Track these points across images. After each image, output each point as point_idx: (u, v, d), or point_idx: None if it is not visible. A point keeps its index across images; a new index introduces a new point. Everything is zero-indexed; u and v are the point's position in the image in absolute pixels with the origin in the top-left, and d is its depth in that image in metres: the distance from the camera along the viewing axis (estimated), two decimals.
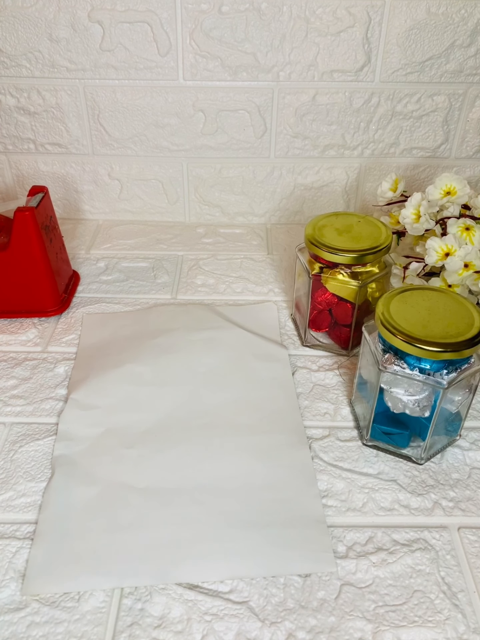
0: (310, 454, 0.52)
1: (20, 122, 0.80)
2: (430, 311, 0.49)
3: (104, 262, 0.79)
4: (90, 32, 0.73)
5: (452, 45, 0.74)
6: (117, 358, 0.62)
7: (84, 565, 0.44)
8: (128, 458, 0.52)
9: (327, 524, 0.47)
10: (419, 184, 0.86)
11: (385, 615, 0.42)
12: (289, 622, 0.41)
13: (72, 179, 0.85)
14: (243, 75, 0.76)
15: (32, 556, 0.44)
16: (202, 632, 0.40)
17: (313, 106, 0.79)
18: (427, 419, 0.49)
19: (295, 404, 0.57)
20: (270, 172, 0.84)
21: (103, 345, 0.64)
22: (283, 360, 0.62)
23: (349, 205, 0.88)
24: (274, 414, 0.56)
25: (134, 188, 0.86)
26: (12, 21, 0.72)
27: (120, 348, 0.63)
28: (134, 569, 0.44)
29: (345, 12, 0.72)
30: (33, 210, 0.62)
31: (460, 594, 0.43)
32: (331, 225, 0.62)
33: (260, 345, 0.64)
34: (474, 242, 0.60)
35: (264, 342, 0.64)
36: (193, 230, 0.87)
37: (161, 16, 0.72)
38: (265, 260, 0.80)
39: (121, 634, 0.40)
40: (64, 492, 0.49)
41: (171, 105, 0.79)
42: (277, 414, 0.56)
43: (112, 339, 0.65)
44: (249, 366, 0.61)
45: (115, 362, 0.61)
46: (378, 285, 0.63)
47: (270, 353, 0.63)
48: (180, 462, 0.51)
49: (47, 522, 0.47)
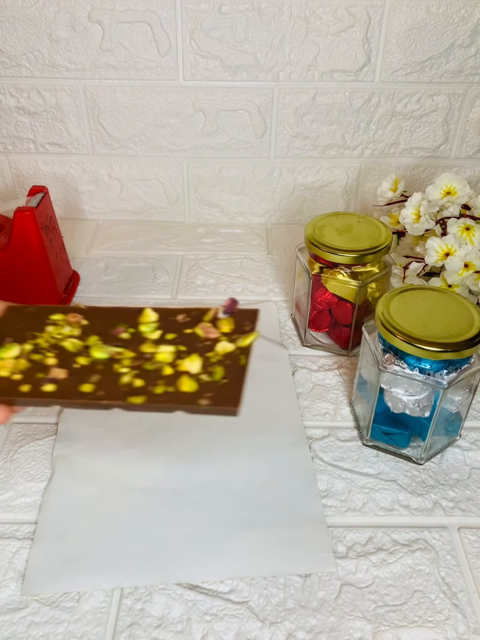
0: (310, 454, 0.52)
1: (20, 122, 0.80)
2: (430, 311, 0.49)
3: (104, 262, 0.79)
4: (90, 32, 0.73)
5: (452, 45, 0.74)
6: None
7: (83, 565, 0.44)
8: (128, 458, 0.52)
9: (327, 524, 0.47)
10: (419, 184, 0.86)
11: (385, 615, 0.42)
12: (289, 622, 0.41)
13: (72, 179, 0.85)
14: (243, 75, 0.76)
15: (32, 556, 0.44)
16: (202, 632, 0.40)
17: (313, 106, 0.79)
18: (427, 419, 0.49)
19: (296, 404, 0.57)
20: (270, 172, 0.84)
21: None
22: (283, 360, 0.62)
23: (349, 205, 0.88)
24: (274, 414, 0.56)
25: (134, 188, 0.86)
26: (12, 21, 0.72)
27: None
28: (134, 569, 0.44)
29: (345, 12, 0.72)
30: (33, 210, 0.62)
31: (460, 594, 0.43)
32: (331, 225, 0.62)
33: (261, 345, 0.63)
34: (474, 242, 0.60)
35: (264, 342, 0.64)
36: (193, 230, 0.87)
37: (161, 16, 0.72)
38: (265, 260, 0.80)
39: (121, 634, 0.40)
40: (63, 492, 0.49)
41: (171, 105, 0.78)
42: (277, 414, 0.56)
43: None
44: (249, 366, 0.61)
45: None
46: (378, 285, 0.63)
47: (270, 353, 0.63)
48: (180, 462, 0.51)
49: (47, 522, 0.47)
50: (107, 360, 0.37)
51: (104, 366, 0.37)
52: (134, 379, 0.36)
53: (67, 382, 0.36)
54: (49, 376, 0.36)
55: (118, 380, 0.35)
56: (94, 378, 0.36)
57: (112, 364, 0.37)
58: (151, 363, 0.36)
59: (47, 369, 0.37)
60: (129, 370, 0.36)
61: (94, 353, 0.37)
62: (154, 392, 0.34)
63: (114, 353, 0.37)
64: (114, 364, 0.37)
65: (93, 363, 0.37)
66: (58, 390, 0.36)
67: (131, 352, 0.37)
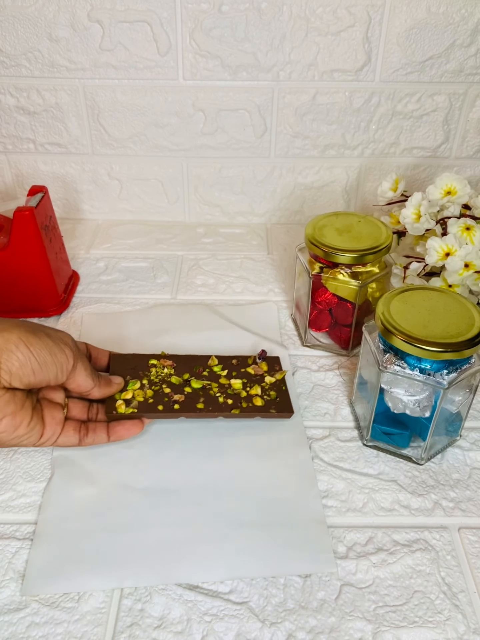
0: (310, 454, 0.52)
1: (20, 122, 0.80)
2: (431, 311, 0.49)
3: (104, 262, 0.79)
4: (90, 32, 0.73)
5: (452, 44, 0.74)
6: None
7: (83, 565, 0.44)
8: (128, 458, 0.51)
9: (328, 524, 0.47)
10: (419, 184, 0.85)
11: (386, 615, 0.42)
12: (289, 622, 0.41)
13: (71, 179, 0.85)
14: (243, 74, 0.76)
15: (31, 557, 0.44)
16: (202, 632, 0.40)
17: (313, 106, 0.79)
18: (427, 419, 0.49)
19: (296, 404, 0.57)
20: (270, 172, 0.84)
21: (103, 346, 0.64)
22: (283, 360, 0.62)
23: (349, 205, 0.88)
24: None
25: (133, 188, 0.86)
26: (12, 21, 0.72)
27: (120, 348, 0.63)
28: (134, 570, 0.43)
29: (346, 11, 0.72)
30: (33, 210, 0.61)
31: (461, 594, 0.43)
32: (331, 225, 0.62)
33: (260, 346, 0.63)
34: (474, 242, 0.60)
35: (264, 342, 0.64)
36: (193, 230, 0.87)
37: (161, 16, 0.72)
38: (265, 260, 0.80)
39: (121, 635, 0.40)
40: (63, 493, 0.49)
41: (171, 105, 0.78)
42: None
43: (112, 339, 0.65)
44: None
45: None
46: (378, 285, 0.63)
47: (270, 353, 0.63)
48: (180, 463, 0.51)
49: (46, 523, 0.46)
50: (203, 389, 0.54)
51: (202, 392, 0.54)
52: (226, 399, 0.53)
53: (185, 402, 0.52)
54: (172, 399, 0.52)
55: (217, 401, 0.53)
56: (201, 399, 0.53)
57: (208, 391, 0.54)
58: (231, 390, 0.55)
59: (168, 395, 0.53)
60: (220, 394, 0.54)
61: (193, 384, 0.54)
62: (243, 406, 0.53)
63: (206, 384, 0.55)
64: (208, 390, 0.54)
65: (195, 390, 0.54)
66: (182, 408, 0.52)
67: (215, 384, 0.55)
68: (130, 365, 0.55)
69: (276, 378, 0.57)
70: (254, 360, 0.59)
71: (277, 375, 0.57)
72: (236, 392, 0.54)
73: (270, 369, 0.58)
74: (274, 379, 0.56)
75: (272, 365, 0.58)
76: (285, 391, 0.55)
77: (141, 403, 0.52)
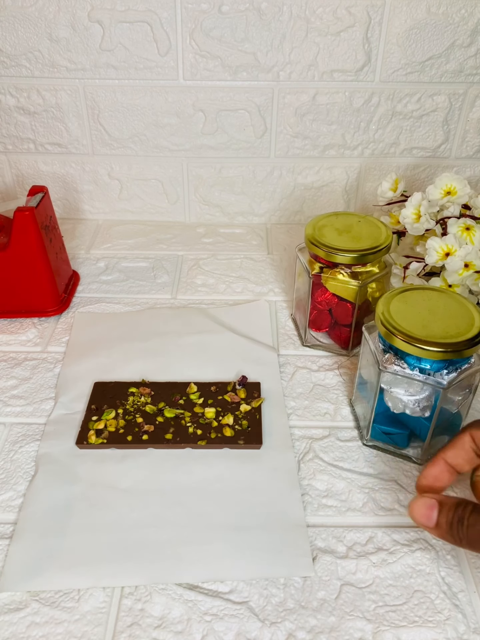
0: (294, 457, 0.52)
1: (20, 122, 0.80)
2: (431, 311, 0.49)
3: (104, 262, 0.79)
4: (90, 32, 0.73)
5: (452, 45, 0.74)
6: (106, 360, 0.62)
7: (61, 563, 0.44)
8: (112, 458, 0.52)
9: (328, 524, 0.47)
10: (419, 184, 0.86)
11: (386, 615, 0.42)
12: (289, 622, 0.41)
13: (72, 179, 0.85)
14: (243, 75, 0.76)
15: (10, 553, 0.44)
16: (202, 632, 0.40)
17: (313, 106, 0.79)
18: (427, 419, 0.49)
19: (282, 406, 0.57)
20: (270, 172, 0.84)
21: (92, 346, 0.64)
22: (272, 364, 0.62)
23: (349, 205, 0.88)
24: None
25: (134, 188, 0.86)
26: (12, 21, 0.72)
27: (109, 350, 0.63)
28: (113, 569, 0.43)
29: (345, 11, 0.72)
30: (33, 210, 0.62)
31: (461, 594, 0.43)
32: (331, 225, 0.62)
33: (250, 349, 0.63)
34: (474, 242, 0.60)
35: (253, 346, 0.64)
36: (193, 230, 0.87)
37: (161, 16, 0.72)
38: (265, 260, 0.80)
39: (121, 634, 0.40)
40: (46, 491, 0.49)
41: (171, 105, 0.78)
42: (263, 417, 0.56)
43: (101, 340, 0.64)
44: (237, 370, 0.61)
45: (104, 364, 0.61)
46: (378, 285, 0.63)
47: (259, 357, 0.62)
48: (163, 464, 0.51)
49: (26, 520, 0.46)
50: (175, 418, 0.55)
51: (174, 422, 0.55)
52: (196, 429, 0.54)
53: (154, 433, 0.54)
54: (143, 429, 0.54)
55: (187, 431, 0.54)
56: (171, 429, 0.54)
57: (179, 420, 0.55)
58: (203, 419, 0.55)
59: (139, 425, 0.54)
60: (192, 424, 0.54)
61: (166, 414, 0.55)
62: (211, 437, 0.53)
63: (179, 413, 0.55)
64: (180, 420, 0.55)
65: (167, 420, 0.55)
66: (150, 439, 0.53)
67: (189, 412, 0.55)
68: (110, 394, 0.57)
69: (252, 406, 0.56)
70: (233, 386, 0.58)
71: (254, 403, 0.56)
72: (207, 422, 0.54)
73: (249, 395, 0.57)
74: (249, 407, 0.56)
75: (251, 392, 0.58)
76: (258, 420, 0.54)
77: (112, 433, 0.53)
